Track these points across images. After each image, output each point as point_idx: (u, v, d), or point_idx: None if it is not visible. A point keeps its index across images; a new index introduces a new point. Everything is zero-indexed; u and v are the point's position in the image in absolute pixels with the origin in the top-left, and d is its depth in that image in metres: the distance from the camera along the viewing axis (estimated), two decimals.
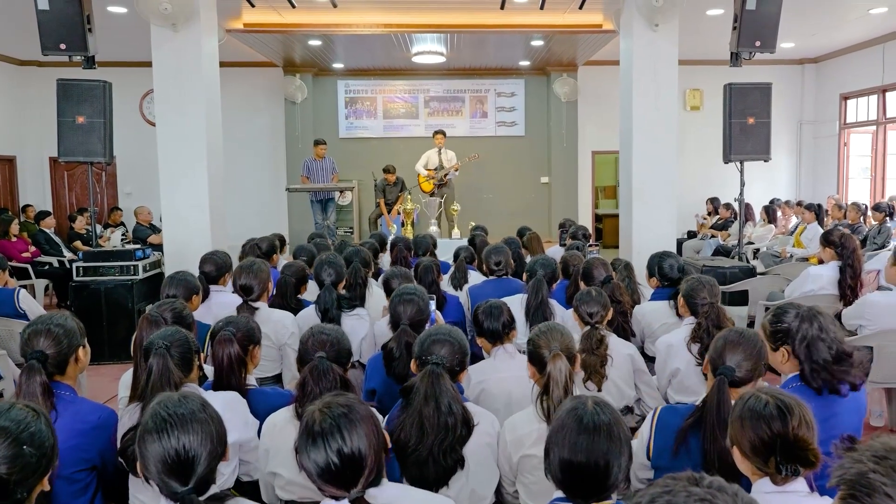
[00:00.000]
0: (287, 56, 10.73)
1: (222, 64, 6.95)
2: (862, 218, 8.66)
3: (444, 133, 9.81)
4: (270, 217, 11.37)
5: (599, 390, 2.98)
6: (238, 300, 3.65)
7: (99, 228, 9.02)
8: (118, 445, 2.20)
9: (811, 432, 1.64)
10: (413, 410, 2.20)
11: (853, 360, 2.26)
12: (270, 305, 3.78)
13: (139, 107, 11.22)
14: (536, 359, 2.39)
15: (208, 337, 3.01)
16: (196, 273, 3.88)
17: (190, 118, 6.25)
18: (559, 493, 1.69)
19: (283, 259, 5.79)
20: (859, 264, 4.62)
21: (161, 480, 1.60)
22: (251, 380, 2.72)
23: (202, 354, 2.71)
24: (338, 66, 11.51)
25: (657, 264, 4.02)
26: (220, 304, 3.86)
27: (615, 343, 3.14)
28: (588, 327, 3.06)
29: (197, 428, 1.63)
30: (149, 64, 6.22)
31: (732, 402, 1.91)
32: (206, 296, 3.88)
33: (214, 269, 4.04)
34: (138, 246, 7.02)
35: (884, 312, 3.90)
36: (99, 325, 5.95)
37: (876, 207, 8.53)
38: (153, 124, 7.52)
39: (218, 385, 2.52)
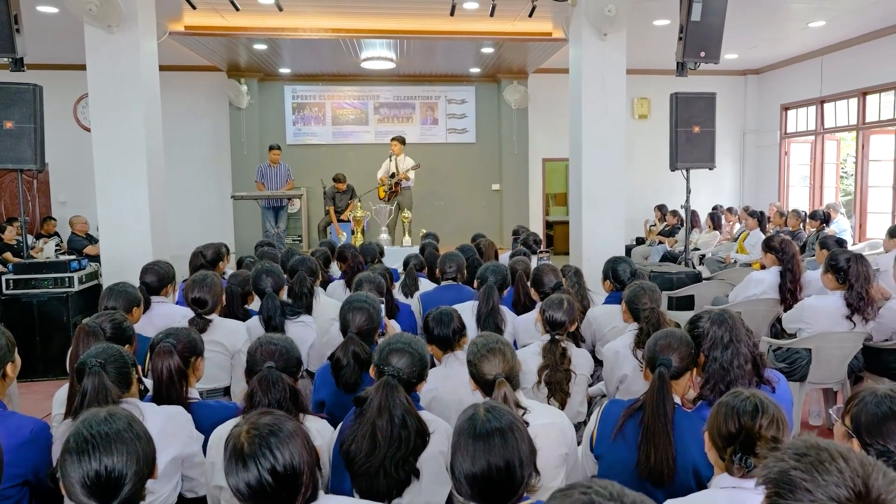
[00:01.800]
0: (231, 60, 10.47)
1: (162, 67, 6.74)
2: (802, 224, 8.89)
3: (400, 140, 9.65)
4: (215, 225, 11.08)
5: (562, 408, 2.93)
6: (182, 311, 3.58)
7: (31, 239, 8.68)
8: (53, 461, 2.11)
9: (779, 433, 1.72)
10: (366, 421, 2.14)
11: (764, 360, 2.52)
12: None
13: (73, 111, 10.78)
14: (479, 381, 2.35)
15: (149, 349, 2.86)
16: (136, 284, 3.75)
17: (128, 123, 6.06)
18: None
19: (228, 268, 5.62)
20: (799, 269, 4.74)
21: (81, 502, 1.55)
22: (194, 392, 2.63)
23: (142, 368, 2.61)
24: (284, 70, 11.29)
25: (612, 268, 4.09)
26: (163, 315, 3.75)
27: (576, 355, 3.12)
28: (549, 337, 3.03)
29: (121, 448, 1.58)
30: (83, 67, 6.00)
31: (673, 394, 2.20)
32: (147, 307, 3.76)
33: (156, 279, 3.92)
34: (73, 257, 6.75)
35: (820, 316, 4.02)
36: (32, 341, 5.74)
37: (812, 215, 8.79)
38: (88, 130, 7.22)
39: (158, 399, 2.43)
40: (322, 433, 2.36)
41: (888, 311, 4.09)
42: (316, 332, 3.68)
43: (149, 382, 2.61)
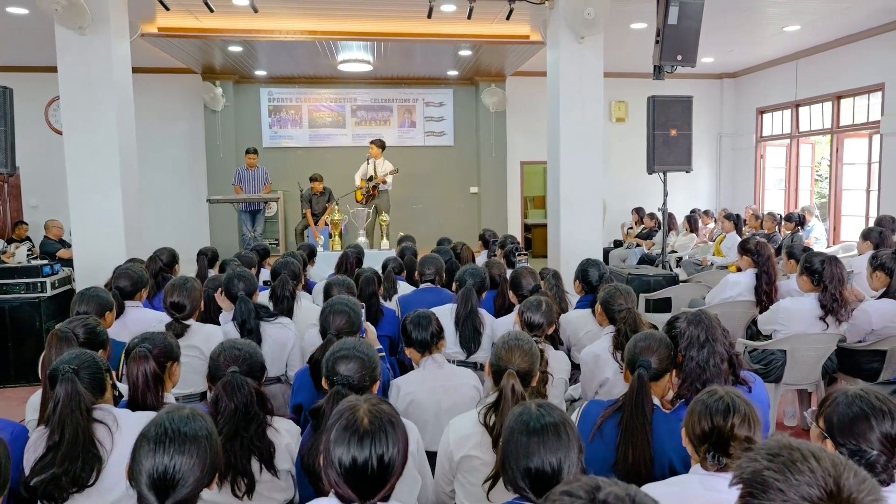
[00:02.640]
0: (206, 62, 10.35)
1: (136, 70, 6.65)
2: (777, 227, 8.98)
3: (378, 143, 9.56)
4: (190, 229, 10.95)
5: None
6: (157, 315, 3.57)
7: (2, 244, 8.49)
8: (26, 469, 2.08)
9: (750, 432, 1.78)
10: (322, 435, 2.10)
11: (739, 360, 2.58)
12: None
13: (45, 114, 10.57)
14: (496, 370, 2.39)
15: (123, 354, 2.85)
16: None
17: (100, 126, 6.00)
18: (516, 495, 1.70)
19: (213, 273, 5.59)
20: (774, 271, 4.78)
21: (142, 490, 1.58)
22: (170, 398, 2.60)
23: (116, 372, 2.61)
24: (260, 73, 11.18)
25: (582, 270, 4.17)
26: (137, 320, 3.72)
27: (554, 358, 3.12)
28: None
29: (193, 451, 1.60)
30: (55, 69, 5.91)
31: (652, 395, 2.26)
32: (121, 312, 3.72)
33: (130, 283, 3.87)
34: (46, 262, 6.62)
35: (795, 317, 4.07)
36: (4, 346, 5.69)
37: (787, 218, 8.88)
38: (60, 133, 7.10)
39: (133, 404, 2.41)
40: (291, 433, 2.37)
41: (861, 312, 4.12)
42: (295, 334, 3.67)
43: (123, 388, 2.57)
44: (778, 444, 1.20)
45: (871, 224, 7.12)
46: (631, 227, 10.95)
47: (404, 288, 4.85)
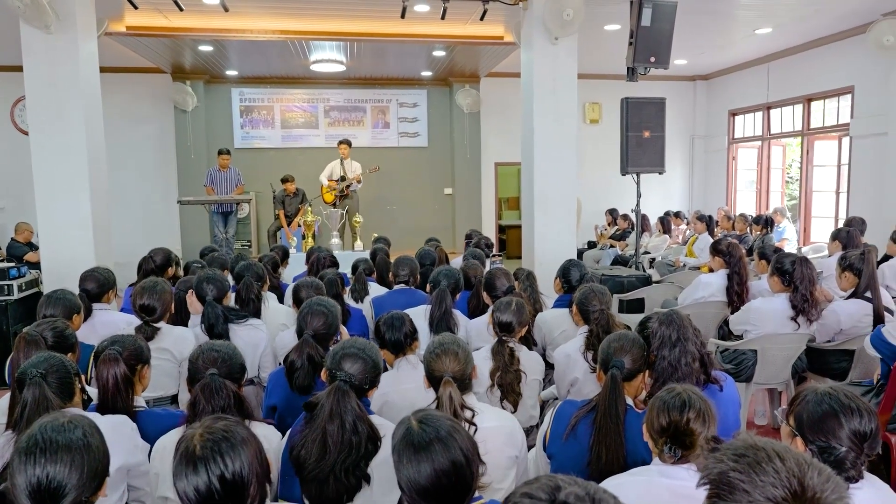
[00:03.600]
0: (175, 62, 10.19)
1: (104, 69, 6.55)
2: (749, 228, 9.06)
3: (348, 143, 9.60)
4: (161, 231, 10.77)
5: (515, 411, 2.96)
6: (126, 318, 3.56)
7: None
8: None
9: (705, 427, 1.84)
10: (316, 426, 2.13)
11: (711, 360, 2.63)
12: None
13: (10, 115, 10.34)
14: (431, 379, 2.40)
15: (92, 357, 2.87)
16: (77, 291, 3.69)
17: (68, 127, 5.92)
18: None
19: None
20: (745, 272, 4.84)
21: None
22: (140, 401, 2.59)
23: (85, 376, 2.59)
24: (231, 73, 11.04)
25: (565, 268, 4.21)
26: (106, 323, 3.70)
27: (527, 357, 3.15)
28: (496, 339, 3.06)
29: (66, 458, 1.56)
30: (20, 68, 5.80)
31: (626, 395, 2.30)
32: (88, 315, 3.71)
33: (96, 286, 3.85)
34: (12, 264, 6.49)
35: (766, 318, 4.12)
36: None
37: (757, 220, 8.97)
38: (27, 133, 6.95)
39: (103, 408, 2.39)
40: (269, 439, 2.33)
41: (831, 312, 4.17)
42: (266, 335, 3.66)
43: (93, 391, 2.55)
44: (744, 445, 1.21)
45: (841, 225, 7.21)
46: (605, 229, 10.99)
47: (376, 289, 4.84)
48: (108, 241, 6.37)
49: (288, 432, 2.33)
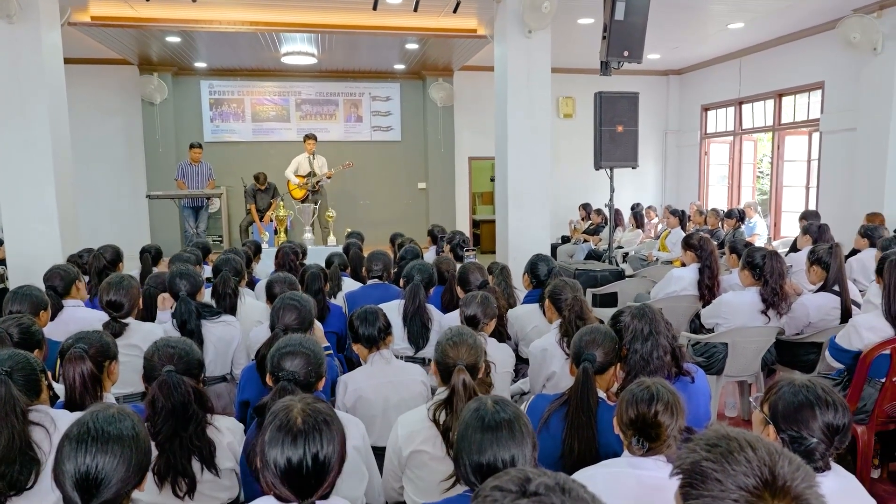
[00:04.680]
0: (142, 53, 9.98)
1: (69, 60, 6.42)
2: (721, 223, 9.12)
3: (314, 137, 9.51)
4: (130, 226, 10.60)
5: None
6: (98, 314, 3.50)
7: None
8: None
9: (673, 419, 1.87)
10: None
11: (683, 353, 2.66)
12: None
13: None
14: (442, 367, 2.39)
15: (59, 354, 2.78)
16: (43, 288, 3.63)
17: (31, 120, 5.86)
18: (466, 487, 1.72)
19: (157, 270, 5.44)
20: (716, 266, 4.86)
21: (67, 492, 1.55)
22: (110, 397, 2.56)
23: (52, 373, 2.54)
24: (200, 65, 10.84)
25: (532, 264, 4.19)
26: (78, 319, 3.62)
27: (496, 349, 3.16)
28: None
29: (116, 450, 1.58)
30: None
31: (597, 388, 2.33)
32: (57, 311, 3.66)
33: (61, 282, 3.79)
34: None
35: (736, 311, 4.15)
36: None
37: (728, 214, 9.04)
38: None
39: (71, 405, 2.34)
40: (233, 431, 2.35)
41: (800, 306, 4.22)
42: (240, 331, 3.64)
43: (60, 388, 2.52)
44: (716, 435, 1.23)
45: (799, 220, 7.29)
46: (578, 223, 11.01)
47: (349, 284, 4.83)
48: (74, 236, 6.30)
49: (245, 436, 2.33)
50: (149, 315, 3.82)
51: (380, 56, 10.56)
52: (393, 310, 3.57)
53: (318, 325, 3.50)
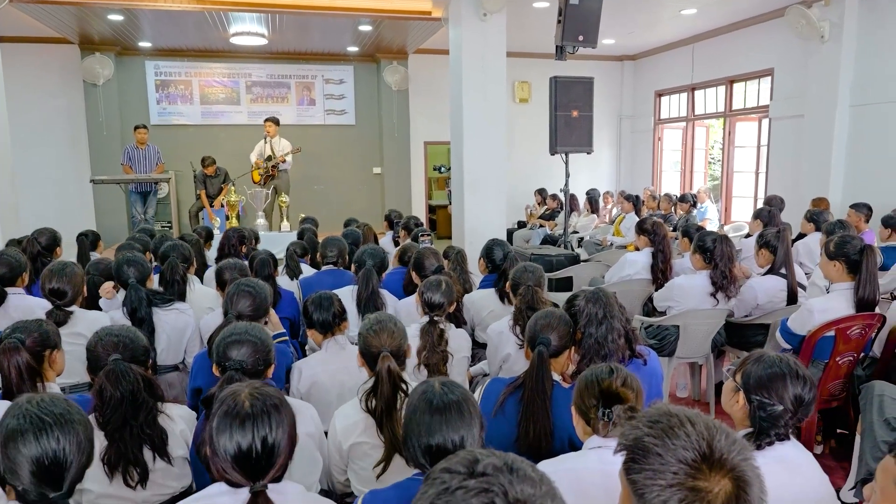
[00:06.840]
0: (83, 32, 9.57)
1: (4, 39, 6.09)
2: (674, 208, 9.24)
3: (275, 121, 9.25)
4: (73, 212, 10.21)
5: None
6: (43, 303, 3.43)
7: None
8: None
9: (633, 392, 1.90)
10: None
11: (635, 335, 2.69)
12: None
13: None
14: (367, 356, 2.39)
15: None
16: None
17: None
18: (416, 470, 1.73)
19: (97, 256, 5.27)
20: (669, 250, 4.94)
21: (31, 485, 1.50)
22: (54, 387, 2.51)
23: None
24: (145, 44, 10.46)
25: (487, 249, 4.20)
26: (21, 308, 3.52)
27: (455, 336, 3.17)
28: (427, 319, 3.04)
29: (71, 431, 1.55)
30: None
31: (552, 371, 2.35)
32: (2, 300, 3.56)
33: (7, 270, 3.67)
34: None
35: (687, 294, 4.22)
36: None
37: (681, 199, 9.17)
38: None
39: (9, 396, 2.30)
40: (185, 418, 2.33)
41: (748, 288, 4.29)
42: (193, 319, 3.63)
43: None
44: (658, 412, 1.28)
45: (761, 204, 7.42)
46: (534, 208, 11.03)
47: (306, 270, 4.82)
48: (15, 222, 6.10)
49: (193, 430, 2.31)
50: (93, 303, 3.74)
51: (332, 37, 10.36)
52: (347, 295, 3.57)
53: (272, 312, 3.47)
